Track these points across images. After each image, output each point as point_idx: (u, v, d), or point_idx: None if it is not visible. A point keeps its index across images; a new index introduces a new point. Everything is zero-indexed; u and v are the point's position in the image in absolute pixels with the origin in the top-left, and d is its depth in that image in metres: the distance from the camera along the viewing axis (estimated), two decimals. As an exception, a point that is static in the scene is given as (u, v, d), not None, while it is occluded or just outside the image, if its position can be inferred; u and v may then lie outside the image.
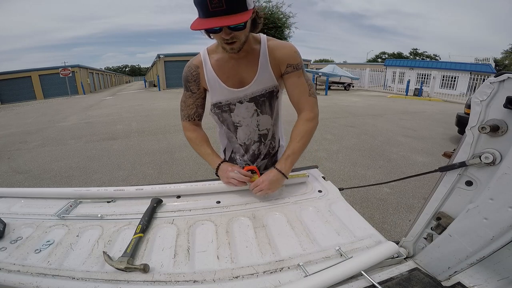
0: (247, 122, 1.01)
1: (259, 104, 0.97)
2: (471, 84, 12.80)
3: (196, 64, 0.95)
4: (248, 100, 0.95)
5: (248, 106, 0.97)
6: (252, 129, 1.03)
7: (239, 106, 0.97)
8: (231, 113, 0.99)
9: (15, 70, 21.54)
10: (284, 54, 0.90)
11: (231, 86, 0.93)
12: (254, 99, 0.96)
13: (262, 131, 1.04)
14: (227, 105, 0.97)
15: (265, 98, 0.97)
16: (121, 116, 8.00)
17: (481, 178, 0.57)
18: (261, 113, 0.99)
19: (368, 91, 17.02)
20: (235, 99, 0.95)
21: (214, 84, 0.94)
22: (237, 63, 0.90)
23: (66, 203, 0.90)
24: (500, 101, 0.51)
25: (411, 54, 48.26)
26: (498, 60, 28.73)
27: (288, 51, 0.91)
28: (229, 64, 0.91)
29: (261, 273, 0.60)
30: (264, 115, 1.01)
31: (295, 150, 0.91)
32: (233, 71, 0.91)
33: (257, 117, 1.00)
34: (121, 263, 0.60)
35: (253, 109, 0.98)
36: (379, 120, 6.73)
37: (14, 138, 5.90)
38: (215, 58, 0.92)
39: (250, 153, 1.09)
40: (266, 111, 1.00)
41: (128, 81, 64.86)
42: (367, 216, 2.15)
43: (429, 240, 0.67)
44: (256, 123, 1.02)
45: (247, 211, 0.84)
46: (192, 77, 0.96)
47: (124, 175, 3.45)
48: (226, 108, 0.98)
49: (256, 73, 0.91)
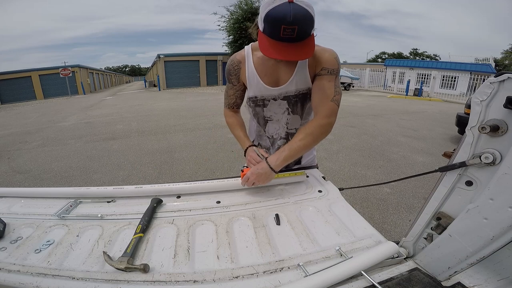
0: (278, 118, 1.06)
1: (291, 103, 1.02)
2: (471, 84, 12.77)
3: (239, 59, 1.00)
4: (282, 98, 1.00)
5: (281, 104, 1.02)
6: (281, 125, 1.08)
7: (272, 103, 1.02)
8: (264, 107, 1.05)
9: (15, 70, 21.52)
10: (323, 57, 0.91)
11: (268, 83, 0.98)
12: (287, 98, 1.00)
13: (290, 130, 1.09)
14: (262, 100, 1.03)
15: (297, 99, 1.00)
16: (121, 116, 8.00)
17: (481, 178, 0.57)
18: (292, 112, 1.04)
19: (368, 91, 17.01)
20: (270, 96, 1.00)
21: (252, 80, 0.99)
22: (276, 63, 0.94)
23: (66, 203, 0.90)
24: (500, 101, 0.51)
25: (411, 54, 48.20)
26: (498, 60, 28.71)
27: (328, 55, 0.91)
28: (269, 63, 0.95)
29: (261, 273, 0.60)
30: (295, 115, 1.05)
31: (293, 147, 0.89)
32: (271, 70, 0.96)
33: (288, 115, 1.05)
34: (121, 263, 0.60)
35: (285, 107, 1.03)
36: (379, 120, 6.73)
37: (14, 138, 5.90)
38: (257, 56, 0.97)
39: (275, 147, 1.14)
40: (297, 112, 1.04)
41: (128, 81, 64.85)
42: (367, 216, 2.15)
43: (429, 240, 0.67)
44: (286, 120, 1.06)
45: (247, 211, 0.84)
46: (234, 71, 1.02)
47: (124, 175, 3.45)
48: (260, 103, 1.04)
49: (293, 75, 0.94)
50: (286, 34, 0.72)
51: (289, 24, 0.70)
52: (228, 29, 17.83)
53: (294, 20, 0.70)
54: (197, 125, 6.30)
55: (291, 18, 0.69)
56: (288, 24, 0.70)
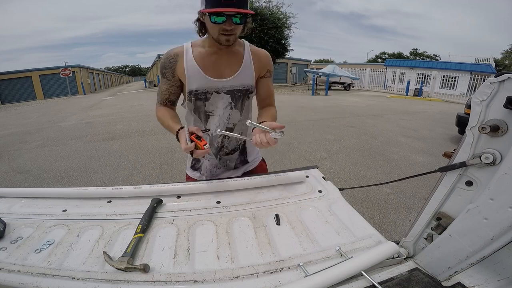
0: (219, 113, 1.05)
1: (235, 98, 1.04)
2: (471, 84, 12.78)
3: (176, 53, 0.99)
4: (226, 92, 1.01)
5: (224, 98, 1.02)
6: (222, 121, 1.06)
7: (215, 96, 1.01)
8: (206, 101, 1.02)
9: (15, 70, 21.53)
10: (266, 60, 1.07)
11: (210, 76, 0.98)
12: (231, 92, 1.02)
13: (230, 124, 1.09)
14: (204, 93, 1.01)
15: (241, 93, 1.04)
16: (121, 116, 8.01)
17: (481, 178, 0.57)
18: (234, 107, 1.05)
19: (368, 91, 17.02)
20: (213, 88, 1.00)
21: (193, 72, 0.98)
22: (219, 58, 0.98)
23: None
24: (500, 101, 0.51)
25: (411, 54, 48.24)
26: (498, 60, 28.70)
27: (269, 58, 1.07)
28: (212, 57, 0.98)
29: (261, 273, 0.60)
30: (236, 110, 1.07)
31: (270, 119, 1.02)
32: (214, 64, 0.98)
33: (230, 110, 1.05)
34: (121, 263, 0.60)
35: (228, 101, 1.03)
36: (379, 120, 6.73)
37: (15, 138, 5.90)
38: (198, 50, 0.99)
39: (214, 145, 1.11)
40: (238, 107, 1.06)
41: (128, 81, 64.85)
42: (367, 216, 2.15)
43: (429, 240, 0.67)
44: (228, 115, 1.06)
45: (247, 211, 0.84)
46: (169, 64, 1.00)
47: (125, 175, 3.45)
48: (202, 97, 1.01)
49: (239, 70, 1.00)
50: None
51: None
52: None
53: None
54: (197, 125, 6.29)
55: None
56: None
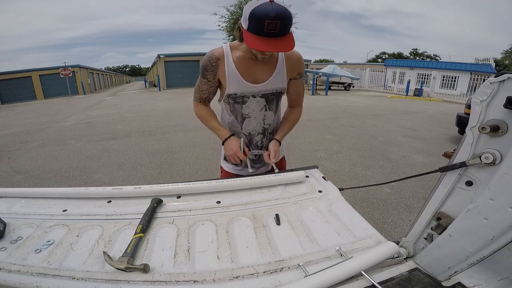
0: (255, 115, 1.12)
1: (269, 101, 1.11)
2: (471, 84, 12.77)
3: (218, 56, 1.02)
4: (261, 96, 1.08)
5: (260, 101, 1.09)
6: (258, 121, 1.14)
7: (251, 100, 1.08)
8: (243, 104, 1.09)
9: (15, 70, 21.49)
10: (298, 64, 1.11)
11: (248, 81, 1.04)
12: (266, 95, 1.09)
13: (266, 125, 1.16)
14: (241, 97, 1.07)
15: (274, 96, 1.11)
16: (121, 116, 8.01)
17: (481, 178, 0.57)
18: (268, 109, 1.13)
19: (368, 91, 17.01)
20: (249, 93, 1.06)
21: (233, 77, 1.03)
22: (256, 63, 1.03)
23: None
24: (500, 101, 0.51)
25: (411, 54, 48.18)
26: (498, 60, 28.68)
27: (301, 61, 1.12)
28: (249, 62, 1.03)
29: (261, 273, 0.60)
30: (270, 111, 1.14)
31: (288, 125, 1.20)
32: (251, 69, 1.03)
33: (265, 112, 1.13)
34: (121, 263, 0.60)
35: (263, 104, 1.10)
36: (379, 120, 6.73)
37: (15, 138, 5.90)
38: (236, 54, 1.03)
39: (253, 143, 1.19)
40: (272, 108, 1.14)
41: (128, 81, 64.78)
42: (367, 216, 2.15)
43: (429, 240, 0.67)
44: (263, 117, 1.14)
45: (247, 211, 0.84)
46: (211, 67, 1.03)
47: (125, 175, 3.45)
48: (239, 100, 1.08)
49: (272, 74, 1.05)
50: (269, 29, 0.81)
51: (272, 19, 0.79)
52: (228, 29, 17.89)
53: (277, 16, 0.79)
54: (197, 125, 6.28)
55: (273, 13, 0.79)
56: (272, 19, 0.79)
